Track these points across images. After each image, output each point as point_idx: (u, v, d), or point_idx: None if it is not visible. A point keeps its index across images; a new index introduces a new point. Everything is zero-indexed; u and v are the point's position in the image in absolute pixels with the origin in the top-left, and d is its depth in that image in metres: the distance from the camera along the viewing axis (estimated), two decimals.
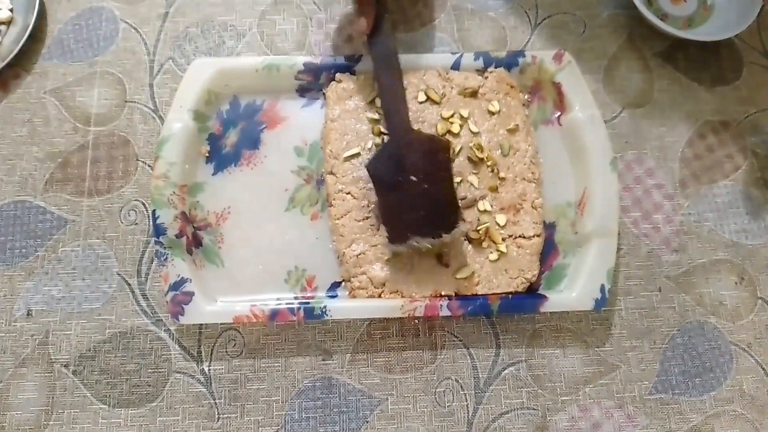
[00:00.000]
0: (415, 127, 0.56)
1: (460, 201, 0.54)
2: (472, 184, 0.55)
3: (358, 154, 0.56)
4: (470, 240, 0.54)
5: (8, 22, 0.62)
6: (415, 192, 0.51)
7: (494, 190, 0.55)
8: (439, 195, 0.52)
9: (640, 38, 0.64)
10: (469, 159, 0.56)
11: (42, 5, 0.62)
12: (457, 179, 0.55)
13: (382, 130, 0.56)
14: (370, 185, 0.53)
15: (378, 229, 0.54)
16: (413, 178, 0.51)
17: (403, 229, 0.51)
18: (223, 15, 0.64)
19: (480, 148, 0.56)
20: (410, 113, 0.56)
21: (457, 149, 0.56)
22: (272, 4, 0.64)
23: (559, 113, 0.59)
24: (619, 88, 0.62)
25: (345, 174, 0.55)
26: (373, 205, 0.54)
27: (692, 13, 0.64)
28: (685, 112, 0.62)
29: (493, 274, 0.53)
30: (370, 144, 0.56)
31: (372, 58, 0.55)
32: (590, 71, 0.63)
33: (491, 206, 0.55)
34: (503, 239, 0.54)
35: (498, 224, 0.54)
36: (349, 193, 0.55)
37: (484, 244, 0.54)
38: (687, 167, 0.60)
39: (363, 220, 0.54)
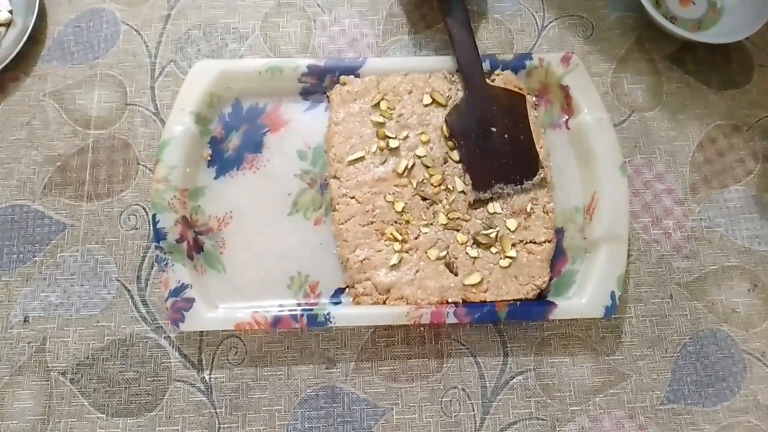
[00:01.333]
0: (419, 130, 0.56)
1: (471, 200, 0.54)
2: None
3: (362, 158, 0.55)
4: (479, 244, 0.53)
5: (7, 24, 0.61)
6: (496, 142, 0.54)
7: None
8: (518, 144, 0.55)
9: (649, 41, 0.63)
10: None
11: (42, 7, 0.61)
12: (465, 181, 0.54)
13: (387, 134, 0.55)
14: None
15: (382, 235, 0.53)
16: (493, 129, 0.54)
17: (487, 176, 0.54)
18: (225, 17, 0.63)
19: None
20: (415, 116, 0.56)
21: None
22: (275, 6, 0.64)
23: (566, 117, 0.58)
24: (628, 92, 0.62)
25: (349, 178, 0.54)
26: (378, 210, 0.53)
27: (701, 16, 0.63)
28: (694, 115, 0.61)
29: (502, 280, 0.52)
30: (374, 148, 0.55)
31: (445, 19, 0.58)
32: (598, 74, 0.62)
33: (501, 209, 0.54)
34: (513, 245, 0.53)
35: (509, 229, 0.53)
36: (353, 197, 0.54)
37: (493, 249, 0.53)
38: (697, 172, 0.59)
39: (367, 224, 0.53)
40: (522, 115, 0.55)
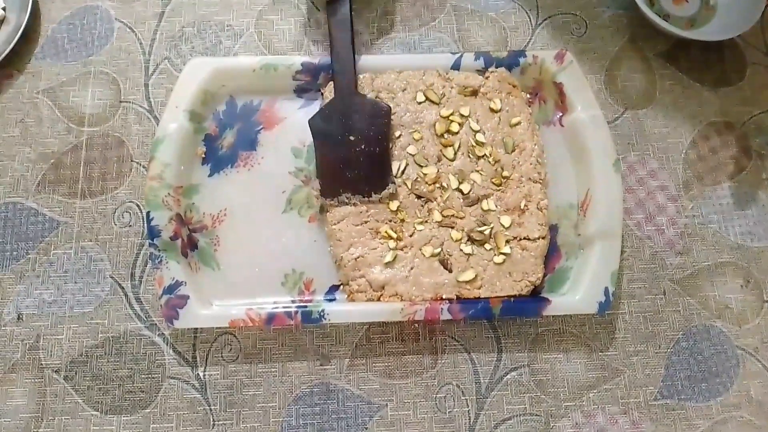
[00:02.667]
0: (412, 128, 0.56)
1: (461, 198, 0.54)
2: (474, 181, 0.54)
3: None
4: (473, 241, 0.53)
5: (0, 21, 0.61)
6: (352, 151, 0.54)
7: (499, 185, 0.54)
8: (373, 156, 0.54)
9: (642, 39, 0.64)
10: (470, 156, 0.55)
11: (35, 4, 0.61)
12: (459, 178, 0.55)
13: None
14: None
15: (377, 233, 0.53)
16: (351, 138, 0.54)
17: (336, 184, 0.54)
18: (219, 15, 0.63)
19: (479, 144, 0.55)
20: (408, 114, 0.56)
21: (456, 146, 0.55)
22: (270, 3, 0.64)
23: (560, 114, 0.58)
24: (621, 89, 0.62)
25: None
26: (371, 210, 0.53)
27: (694, 14, 0.64)
28: (688, 113, 0.61)
29: (496, 277, 0.52)
30: None
31: (329, 20, 0.57)
32: (592, 72, 0.62)
33: (496, 206, 0.54)
34: (507, 241, 0.53)
35: (503, 226, 0.53)
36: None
37: (488, 246, 0.53)
38: (691, 169, 0.59)
39: (361, 224, 0.53)
40: (384, 127, 0.54)
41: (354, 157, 0.54)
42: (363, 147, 0.54)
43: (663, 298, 0.55)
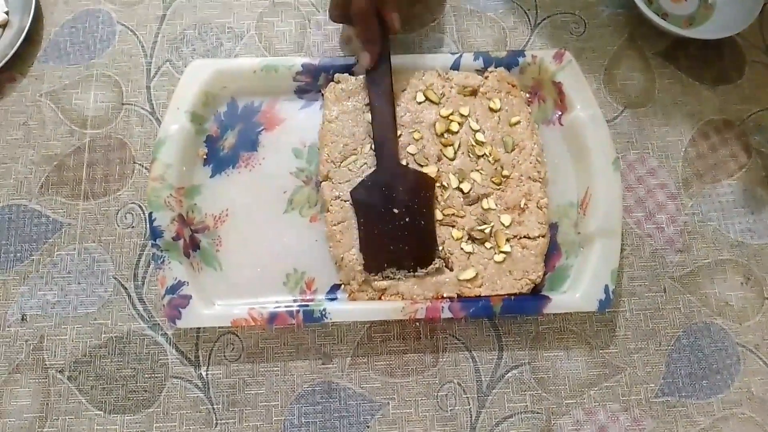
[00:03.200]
0: (412, 128, 0.56)
1: (462, 197, 0.54)
2: (475, 180, 0.54)
3: (355, 160, 0.55)
4: (474, 239, 0.53)
5: (4, 25, 0.61)
6: (396, 224, 0.52)
7: (499, 184, 0.55)
8: (419, 230, 0.53)
9: (641, 38, 0.64)
10: (470, 155, 0.55)
11: (38, 8, 0.62)
12: (459, 178, 0.55)
13: None
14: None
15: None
16: (395, 211, 0.52)
17: (380, 259, 0.52)
18: (220, 17, 0.63)
19: (479, 143, 0.55)
20: (408, 114, 0.56)
21: (456, 146, 0.55)
22: (270, 5, 0.64)
23: (560, 113, 0.58)
24: (620, 88, 0.62)
25: (342, 180, 0.54)
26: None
27: (693, 12, 0.64)
28: (687, 111, 0.61)
29: (497, 275, 0.53)
30: (367, 148, 0.55)
31: (368, 90, 0.55)
32: (591, 71, 0.62)
33: (496, 205, 0.54)
34: (507, 239, 0.53)
35: (503, 224, 0.54)
36: (346, 200, 0.54)
37: (488, 244, 0.53)
38: (690, 166, 0.60)
39: None
40: (428, 199, 0.53)
41: (398, 231, 0.52)
42: (407, 220, 0.52)
43: (663, 295, 0.56)
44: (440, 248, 0.53)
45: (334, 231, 0.53)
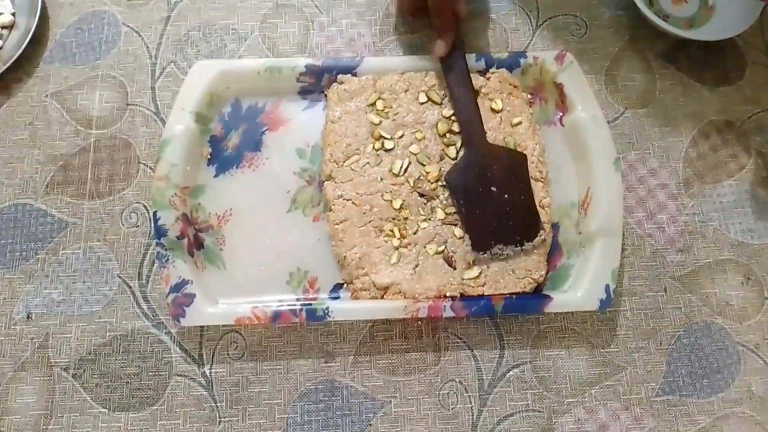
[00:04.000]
0: (415, 128, 0.56)
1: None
2: None
3: (357, 160, 0.55)
4: None
5: (10, 26, 0.62)
6: (496, 202, 0.53)
7: None
8: (519, 204, 0.54)
9: (642, 39, 0.64)
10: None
11: (44, 9, 0.63)
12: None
13: (382, 134, 0.56)
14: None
15: (380, 232, 0.54)
16: (493, 189, 0.53)
17: (486, 237, 0.53)
18: (224, 18, 0.64)
19: None
20: (411, 114, 0.57)
21: (458, 146, 0.56)
22: (274, 7, 0.65)
23: (561, 114, 0.59)
24: (622, 89, 0.62)
25: (344, 179, 0.55)
26: (375, 209, 0.54)
27: (694, 14, 0.64)
28: (688, 112, 0.62)
29: (500, 274, 0.53)
30: (369, 148, 0.56)
31: (446, 75, 0.57)
32: (592, 72, 0.63)
33: None
34: None
35: None
36: (349, 200, 0.54)
37: None
38: (691, 167, 0.60)
39: (364, 225, 0.54)
40: (523, 174, 0.55)
41: (500, 208, 0.53)
42: (506, 197, 0.54)
43: (664, 295, 0.56)
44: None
45: (337, 230, 0.54)
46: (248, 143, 0.58)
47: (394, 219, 0.54)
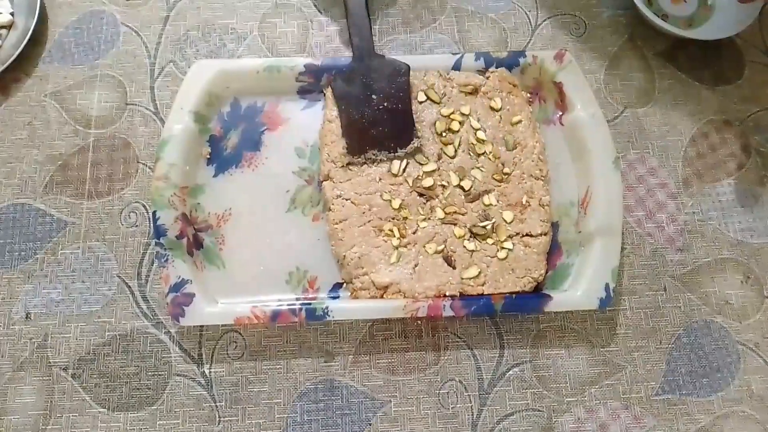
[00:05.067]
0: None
1: (463, 194, 0.55)
2: (475, 177, 0.55)
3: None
4: (476, 235, 0.54)
5: (9, 26, 0.62)
6: (375, 110, 0.56)
7: (500, 181, 0.55)
8: (396, 113, 0.56)
9: (641, 38, 0.64)
10: (470, 154, 0.56)
11: (43, 9, 0.62)
12: (459, 175, 0.55)
13: None
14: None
15: (380, 231, 0.54)
16: (374, 97, 0.56)
17: (362, 142, 0.55)
18: (223, 18, 0.64)
19: (480, 141, 0.56)
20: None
21: (456, 144, 0.56)
22: (273, 7, 0.65)
23: (560, 113, 0.59)
24: (621, 88, 0.62)
25: (343, 179, 0.55)
26: (374, 208, 0.54)
27: (692, 13, 0.64)
28: (687, 111, 0.62)
29: (499, 273, 0.53)
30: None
31: None
32: (591, 71, 0.63)
33: (497, 201, 0.55)
34: (510, 236, 0.54)
35: (505, 220, 0.54)
36: (348, 199, 0.54)
37: (490, 241, 0.53)
38: (690, 166, 0.60)
39: (364, 225, 0.54)
40: (404, 84, 0.57)
41: (378, 116, 0.56)
42: (386, 105, 0.56)
43: (663, 294, 0.56)
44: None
45: (336, 230, 0.54)
46: (247, 143, 0.58)
47: (393, 218, 0.54)
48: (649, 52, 0.64)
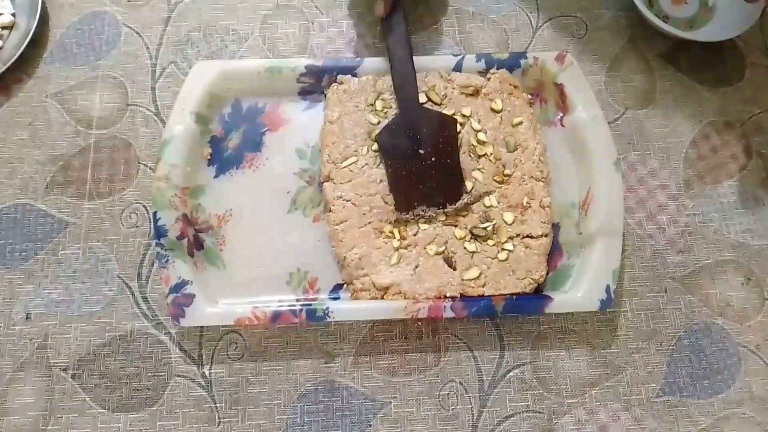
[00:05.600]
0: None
1: (466, 194, 0.54)
2: (476, 179, 0.55)
3: (356, 161, 0.55)
4: (476, 237, 0.54)
5: (10, 27, 0.62)
6: (423, 164, 0.54)
7: (501, 182, 0.55)
8: (445, 167, 0.54)
9: (642, 40, 0.64)
10: (471, 155, 0.56)
11: (44, 10, 0.63)
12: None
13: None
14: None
15: (380, 233, 0.54)
16: (421, 151, 0.54)
17: (410, 198, 0.54)
18: (225, 19, 0.64)
19: (481, 142, 0.56)
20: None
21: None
22: (274, 8, 0.65)
23: (561, 114, 0.59)
24: (622, 90, 0.62)
25: (343, 180, 0.55)
26: (375, 210, 0.54)
27: (694, 15, 0.64)
28: (688, 112, 0.62)
29: (500, 274, 0.53)
30: (365, 149, 0.56)
31: (386, 38, 0.57)
32: (592, 73, 0.63)
33: (498, 202, 0.54)
34: (510, 237, 0.54)
35: (505, 221, 0.54)
36: (348, 200, 0.54)
37: (490, 242, 0.53)
38: (691, 168, 0.60)
39: (364, 226, 0.54)
40: (452, 138, 0.55)
41: (426, 170, 0.54)
42: (434, 159, 0.54)
43: (664, 295, 0.56)
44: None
45: (337, 231, 0.54)
46: (248, 144, 0.58)
47: (394, 220, 0.54)
48: (650, 54, 0.64)
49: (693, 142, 0.61)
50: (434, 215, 0.54)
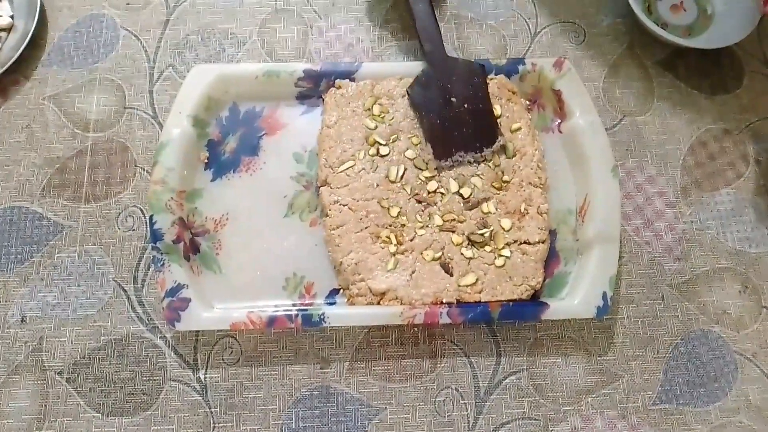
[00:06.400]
0: (410, 133, 0.57)
1: (462, 202, 0.55)
2: (475, 185, 0.55)
3: (353, 165, 0.55)
4: (473, 243, 0.53)
5: (8, 29, 0.62)
6: (455, 112, 0.56)
7: (499, 188, 0.55)
8: (478, 113, 0.56)
9: (640, 47, 0.64)
10: (469, 161, 0.56)
11: (42, 12, 0.63)
12: (459, 182, 0.55)
13: (377, 139, 0.56)
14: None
15: (377, 238, 0.53)
16: (453, 99, 0.56)
17: (447, 146, 0.55)
18: (223, 23, 0.64)
19: None
20: (407, 119, 0.57)
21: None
22: (273, 12, 0.65)
23: (559, 120, 0.59)
24: (620, 96, 0.62)
25: (340, 185, 0.55)
26: (372, 215, 0.54)
27: (692, 22, 0.64)
28: (685, 120, 0.62)
29: (497, 281, 0.53)
30: (363, 154, 0.56)
31: None
32: (590, 79, 0.63)
33: (496, 209, 0.54)
34: (507, 244, 0.54)
35: (503, 228, 0.54)
36: (345, 205, 0.54)
37: (487, 248, 0.53)
38: (689, 175, 0.60)
39: (361, 231, 0.54)
40: (481, 84, 0.57)
41: (460, 117, 0.56)
42: (466, 106, 0.56)
43: (661, 303, 0.56)
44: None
45: (333, 235, 0.53)
46: (246, 147, 0.58)
47: (390, 225, 0.54)
48: (648, 61, 0.64)
49: (691, 149, 0.61)
50: (471, 159, 0.55)
